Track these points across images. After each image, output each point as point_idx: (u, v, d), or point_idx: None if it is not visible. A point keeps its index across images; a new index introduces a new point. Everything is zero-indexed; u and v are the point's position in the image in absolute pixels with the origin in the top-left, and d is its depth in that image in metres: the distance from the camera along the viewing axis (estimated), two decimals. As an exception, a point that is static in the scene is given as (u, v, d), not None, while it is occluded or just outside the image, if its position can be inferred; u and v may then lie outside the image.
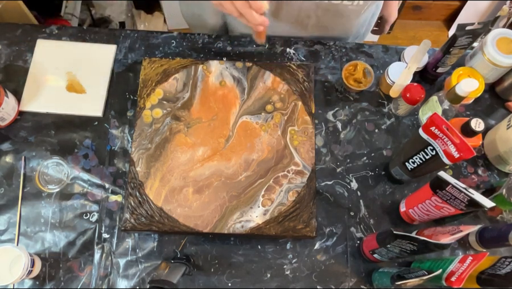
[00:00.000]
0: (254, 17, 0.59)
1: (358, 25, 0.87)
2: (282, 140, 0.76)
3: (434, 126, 0.61)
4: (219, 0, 0.60)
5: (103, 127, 0.80)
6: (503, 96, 0.84)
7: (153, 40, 0.87)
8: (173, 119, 0.77)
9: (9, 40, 0.85)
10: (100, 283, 0.70)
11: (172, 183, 0.73)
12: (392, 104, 0.83)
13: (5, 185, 0.75)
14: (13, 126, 0.79)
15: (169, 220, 0.71)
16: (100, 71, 0.83)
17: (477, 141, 0.75)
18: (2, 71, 0.82)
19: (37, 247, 0.72)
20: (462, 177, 0.79)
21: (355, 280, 0.72)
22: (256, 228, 0.71)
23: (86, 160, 0.77)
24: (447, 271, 0.61)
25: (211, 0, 0.62)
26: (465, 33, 0.73)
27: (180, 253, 0.72)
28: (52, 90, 0.81)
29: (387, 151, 0.80)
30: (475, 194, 0.58)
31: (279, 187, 0.73)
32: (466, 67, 0.82)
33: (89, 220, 0.74)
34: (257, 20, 0.60)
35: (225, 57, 0.86)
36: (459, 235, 0.57)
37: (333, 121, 0.82)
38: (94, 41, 0.86)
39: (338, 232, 0.75)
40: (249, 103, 0.79)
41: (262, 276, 0.72)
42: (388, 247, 0.62)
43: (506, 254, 0.73)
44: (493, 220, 0.76)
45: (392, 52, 0.88)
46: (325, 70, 0.86)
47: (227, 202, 0.72)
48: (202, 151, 0.75)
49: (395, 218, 0.76)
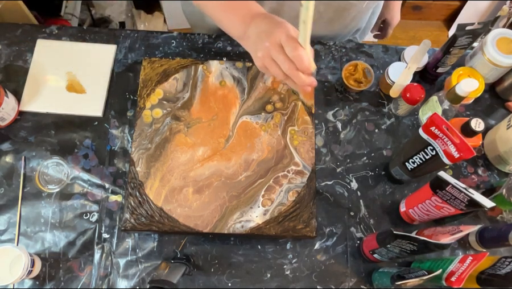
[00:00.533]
0: (302, 79, 0.55)
1: (359, 19, 0.86)
2: (282, 140, 0.76)
3: (434, 126, 0.61)
4: (263, 64, 0.57)
5: (103, 127, 0.80)
6: (503, 96, 0.84)
7: (153, 40, 0.87)
8: (173, 119, 0.77)
9: (9, 40, 0.85)
10: (100, 283, 0.70)
11: (172, 183, 0.73)
12: (392, 104, 0.83)
13: (5, 185, 0.75)
14: (13, 126, 0.79)
15: (169, 220, 0.71)
16: (100, 71, 0.83)
17: (477, 141, 0.75)
18: (2, 71, 0.82)
19: (37, 247, 0.72)
20: (462, 177, 0.79)
21: (355, 280, 0.72)
22: (256, 228, 0.71)
23: (86, 160, 0.77)
24: (447, 271, 0.61)
25: (257, 65, 0.59)
26: (465, 33, 0.73)
27: (180, 253, 0.72)
28: (52, 90, 0.81)
29: (387, 151, 0.80)
30: (475, 194, 0.58)
31: (279, 187, 0.73)
32: (466, 67, 0.82)
33: (89, 220, 0.74)
34: (305, 81, 0.56)
35: (225, 57, 0.86)
36: (459, 235, 0.57)
37: (333, 121, 0.82)
38: (94, 41, 0.86)
39: (338, 232, 0.75)
40: (249, 103, 0.79)
41: (262, 276, 0.72)
42: (388, 247, 0.62)
43: (506, 254, 0.73)
44: (493, 220, 0.76)
45: (392, 52, 0.88)
46: (325, 70, 0.86)
47: (227, 202, 0.72)
48: (202, 151, 0.75)
49: (395, 218, 0.76)
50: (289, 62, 0.55)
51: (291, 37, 0.54)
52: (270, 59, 0.56)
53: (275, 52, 0.55)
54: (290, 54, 0.54)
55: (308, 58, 0.54)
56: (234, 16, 0.63)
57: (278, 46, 0.55)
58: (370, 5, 0.81)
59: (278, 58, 0.55)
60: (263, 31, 0.57)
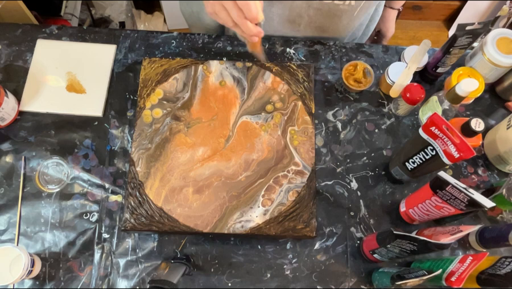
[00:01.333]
0: (249, 27, 0.57)
1: (353, 27, 0.87)
2: (282, 140, 0.76)
3: (434, 125, 0.61)
4: (214, 10, 0.58)
5: (103, 127, 0.80)
6: (503, 96, 0.84)
7: (153, 40, 0.87)
8: (173, 119, 0.77)
9: (9, 40, 0.85)
10: (100, 283, 0.70)
11: (172, 183, 0.73)
12: (392, 104, 0.83)
13: (5, 185, 0.75)
14: (13, 126, 0.79)
15: (169, 220, 0.71)
16: (100, 71, 0.83)
17: (477, 141, 0.75)
18: (2, 71, 0.82)
19: (37, 247, 0.72)
20: (462, 177, 0.79)
21: (355, 280, 0.72)
22: (256, 228, 0.71)
23: (86, 160, 0.77)
24: (447, 271, 0.61)
25: (207, 11, 0.60)
26: (465, 33, 0.73)
27: (180, 253, 0.72)
28: (52, 90, 0.81)
29: (387, 151, 0.80)
30: (475, 194, 0.58)
31: (279, 187, 0.73)
32: (466, 67, 0.82)
33: (89, 220, 0.74)
34: (252, 30, 0.57)
35: (225, 57, 0.86)
36: (459, 235, 0.57)
37: (333, 121, 0.82)
38: (94, 41, 0.86)
39: (338, 232, 0.75)
40: (249, 103, 0.79)
41: (262, 276, 0.72)
42: (388, 247, 0.62)
43: (506, 254, 0.73)
44: (493, 220, 0.76)
45: (392, 52, 0.88)
46: (325, 70, 0.86)
47: (227, 202, 0.72)
48: (202, 151, 0.75)
49: (395, 218, 0.76)
50: (238, 9, 0.55)
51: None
52: (220, 5, 0.57)
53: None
54: (239, 1, 0.55)
55: (256, 7, 0.55)
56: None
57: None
58: (360, 14, 0.81)
59: (227, 4, 0.56)
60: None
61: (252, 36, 0.59)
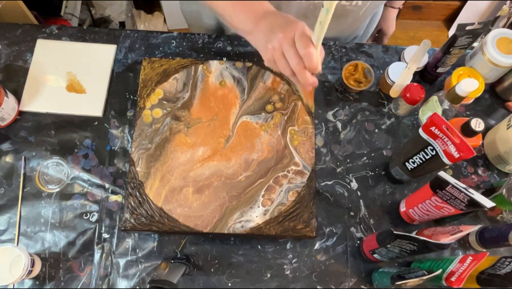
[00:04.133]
0: (307, 77, 0.56)
1: (357, 27, 0.87)
2: (282, 140, 0.76)
3: (434, 125, 0.61)
4: (273, 57, 0.58)
5: (103, 127, 0.80)
6: (503, 96, 0.84)
7: (153, 40, 0.87)
8: (173, 119, 0.77)
9: (9, 40, 0.85)
10: (100, 283, 0.70)
11: (172, 183, 0.73)
12: (392, 104, 0.83)
13: (5, 185, 0.75)
14: (13, 126, 0.79)
15: (169, 220, 0.71)
16: (100, 71, 0.83)
17: (477, 141, 0.75)
18: (2, 71, 0.82)
19: (37, 247, 0.72)
20: (462, 177, 0.79)
21: (355, 280, 0.72)
22: (256, 228, 0.71)
23: (86, 160, 0.77)
24: (447, 271, 0.61)
25: (264, 58, 0.60)
26: (465, 33, 0.73)
27: (180, 253, 0.72)
28: (52, 90, 0.81)
29: (387, 151, 0.80)
30: (475, 194, 0.58)
31: (279, 187, 0.73)
32: (466, 67, 0.82)
33: (89, 220, 0.74)
34: (308, 80, 0.57)
35: (225, 57, 0.86)
36: (459, 235, 0.57)
37: (333, 121, 0.82)
38: (94, 41, 0.86)
39: (338, 232, 0.75)
40: (249, 103, 0.79)
41: (262, 276, 0.72)
42: (388, 247, 0.62)
43: (506, 254, 0.73)
44: (493, 220, 0.76)
45: (392, 52, 0.88)
46: (325, 70, 0.86)
47: (227, 202, 0.72)
48: (202, 151, 0.75)
49: (395, 218, 0.76)
50: (299, 58, 0.55)
51: (305, 34, 0.54)
52: (280, 52, 0.57)
53: (287, 45, 0.55)
54: (301, 51, 0.54)
55: (318, 58, 0.55)
56: (245, 11, 0.63)
57: (291, 40, 0.55)
58: (366, 13, 0.81)
59: (288, 52, 0.56)
60: (278, 25, 0.57)
61: (308, 86, 0.58)
